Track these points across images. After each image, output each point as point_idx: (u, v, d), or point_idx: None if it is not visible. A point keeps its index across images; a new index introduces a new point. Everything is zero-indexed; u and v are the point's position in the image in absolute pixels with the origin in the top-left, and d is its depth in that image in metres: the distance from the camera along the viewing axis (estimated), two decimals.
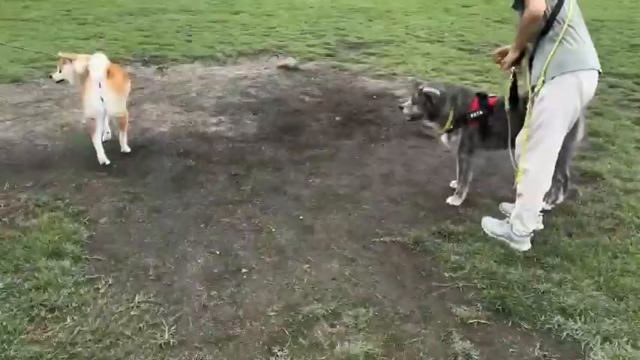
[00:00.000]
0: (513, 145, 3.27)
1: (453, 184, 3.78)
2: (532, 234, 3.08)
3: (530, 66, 2.95)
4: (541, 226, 3.23)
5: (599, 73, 2.90)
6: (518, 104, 3.17)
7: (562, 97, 2.82)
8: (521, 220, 3.03)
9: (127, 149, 4.35)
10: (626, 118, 5.18)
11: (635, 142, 4.65)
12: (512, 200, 3.54)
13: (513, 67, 3.10)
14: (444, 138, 3.65)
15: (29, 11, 9.95)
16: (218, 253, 3.03)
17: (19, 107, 5.24)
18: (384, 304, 2.63)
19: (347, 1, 11.97)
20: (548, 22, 2.77)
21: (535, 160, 2.94)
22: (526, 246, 3.08)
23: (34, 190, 3.67)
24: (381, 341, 2.38)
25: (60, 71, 4.38)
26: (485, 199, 3.70)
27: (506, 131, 3.34)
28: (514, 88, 3.16)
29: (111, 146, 4.43)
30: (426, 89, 3.54)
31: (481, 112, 3.42)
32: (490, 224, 3.25)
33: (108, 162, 4.07)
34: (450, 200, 3.66)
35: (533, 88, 2.91)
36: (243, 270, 2.88)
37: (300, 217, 3.44)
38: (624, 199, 3.67)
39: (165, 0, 11.55)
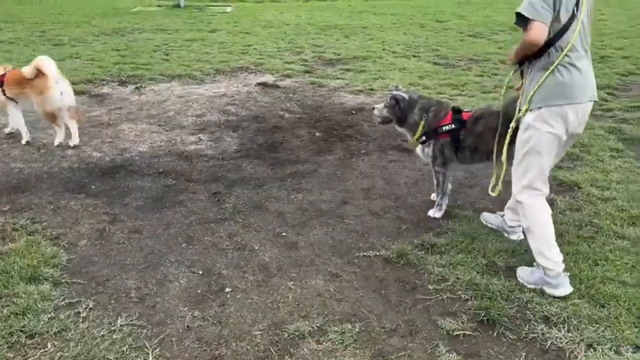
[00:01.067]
0: (489, 159, 3.31)
1: (434, 196, 3.81)
2: (565, 273, 2.83)
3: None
4: (522, 237, 3.27)
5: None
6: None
7: (545, 130, 2.72)
8: (542, 254, 2.81)
9: (77, 141, 4.82)
10: (600, 128, 5.30)
11: (610, 150, 4.76)
12: (492, 211, 3.60)
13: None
14: (418, 150, 3.70)
15: (3, 33, 9.83)
16: (201, 272, 2.99)
17: None
18: (369, 318, 2.63)
19: (323, 18, 12.10)
20: (546, 46, 2.64)
21: (526, 193, 2.84)
22: (565, 289, 2.78)
23: (11, 213, 3.59)
24: (368, 357, 2.37)
25: None
26: (466, 210, 3.74)
27: (482, 146, 3.40)
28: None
29: (89, 167, 4.38)
30: (394, 92, 3.63)
31: (453, 126, 3.47)
32: (524, 274, 2.95)
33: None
34: (431, 213, 3.69)
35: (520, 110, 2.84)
36: (227, 289, 2.85)
37: (283, 234, 3.43)
38: (602, 207, 3.74)
39: (142, 20, 11.52)
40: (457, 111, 3.56)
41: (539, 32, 2.58)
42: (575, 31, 2.66)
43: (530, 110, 2.76)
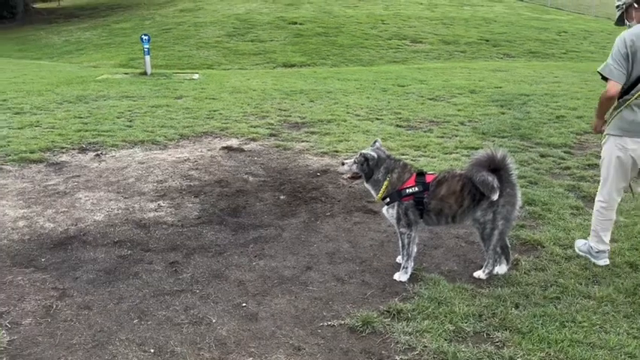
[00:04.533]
0: (455, 221, 3.42)
1: (399, 259, 3.74)
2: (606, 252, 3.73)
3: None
4: (607, 262, 3.73)
5: None
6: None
7: (611, 153, 3.61)
8: (597, 236, 3.73)
9: None
10: (559, 186, 5.39)
11: (571, 208, 4.82)
12: (458, 272, 3.53)
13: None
14: (384, 210, 3.68)
15: None
16: (152, 351, 2.79)
17: None
18: None
19: (289, 84, 12.33)
20: (624, 92, 3.46)
21: (601, 192, 3.74)
22: (604, 262, 3.72)
23: None
24: None
25: None
26: (431, 273, 3.66)
27: (446, 208, 3.41)
28: None
29: (41, 239, 4.18)
30: (364, 151, 3.66)
31: (416, 189, 3.48)
32: (579, 243, 3.93)
33: None
34: (396, 276, 3.61)
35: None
36: None
37: (243, 305, 3.27)
38: (566, 266, 3.72)
39: (107, 87, 11.52)
40: (421, 173, 3.58)
41: (612, 89, 3.42)
42: None
43: (607, 135, 3.66)
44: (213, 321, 3.08)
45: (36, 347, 2.83)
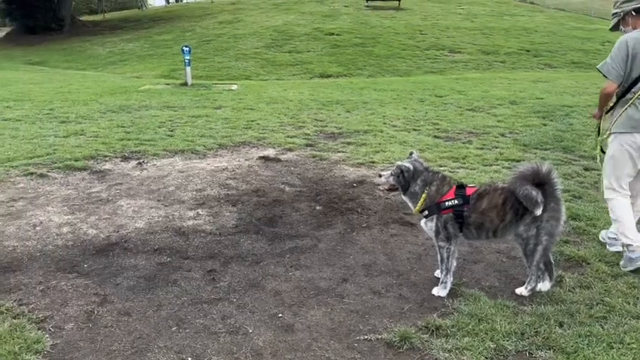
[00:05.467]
0: (496, 236, 3.37)
1: (437, 273, 3.67)
2: None
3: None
4: (620, 249, 3.91)
5: None
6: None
7: (619, 149, 3.85)
8: (624, 235, 3.80)
9: None
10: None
11: None
12: (499, 288, 3.44)
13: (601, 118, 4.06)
14: (422, 223, 3.62)
15: (12, 111, 10.05)
16: (190, 359, 2.81)
17: None
18: None
19: (325, 94, 12.38)
20: (626, 90, 3.76)
21: (605, 183, 4.00)
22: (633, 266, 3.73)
23: None
24: None
25: None
26: (471, 288, 3.58)
27: (487, 222, 3.35)
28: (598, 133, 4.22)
29: (84, 245, 4.29)
30: (399, 163, 3.62)
31: (456, 201, 3.41)
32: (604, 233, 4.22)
33: None
34: (435, 291, 3.54)
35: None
36: None
37: (279, 315, 3.26)
38: (612, 284, 3.58)
39: (149, 97, 11.82)
40: (461, 186, 3.51)
41: (610, 87, 3.76)
42: None
43: (611, 134, 3.92)
44: (250, 331, 3.09)
45: (77, 352, 2.89)
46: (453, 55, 19.18)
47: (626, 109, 3.77)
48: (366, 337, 3.03)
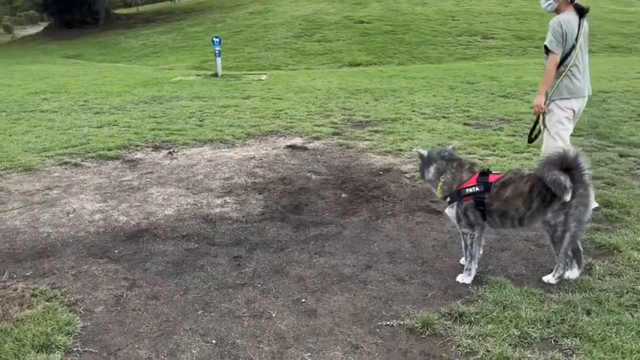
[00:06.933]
0: (522, 224, 3.32)
1: (462, 260, 3.63)
2: None
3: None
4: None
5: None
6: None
7: (561, 113, 4.45)
8: None
9: None
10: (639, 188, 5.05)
11: None
12: (525, 276, 3.39)
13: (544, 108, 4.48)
14: (447, 210, 3.59)
15: (48, 102, 10.36)
16: (214, 342, 2.87)
17: (28, 195, 5.30)
18: None
19: (354, 83, 12.32)
20: (560, 63, 4.35)
21: (548, 144, 4.42)
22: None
23: (33, 279, 3.60)
24: None
25: None
26: (497, 276, 3.53)
27: (511, 210, 3.29)
28: (534, 127, 4.65)
29: (115, 231, 4.41)
30: (416, 148, 3.69)
31: (476, 189, 3.36)
32: None
33: None
34: (459, 278, 3.51)
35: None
36: None
37: (303, 300, 3.29)
38: None
39: (180, 88, 12.00)
40: (484, 173, 3.45)
41: (555, 59, 4.34)
42: (576, 51, 4.33)
43: (552, 101, 4.45)
44: (273, 315, 3.13)
45: (106, 334, 2.98)
46: (486, 41, 18.78)
47: (561, 79, 4.38)
48: (388, 322, 3.04)
